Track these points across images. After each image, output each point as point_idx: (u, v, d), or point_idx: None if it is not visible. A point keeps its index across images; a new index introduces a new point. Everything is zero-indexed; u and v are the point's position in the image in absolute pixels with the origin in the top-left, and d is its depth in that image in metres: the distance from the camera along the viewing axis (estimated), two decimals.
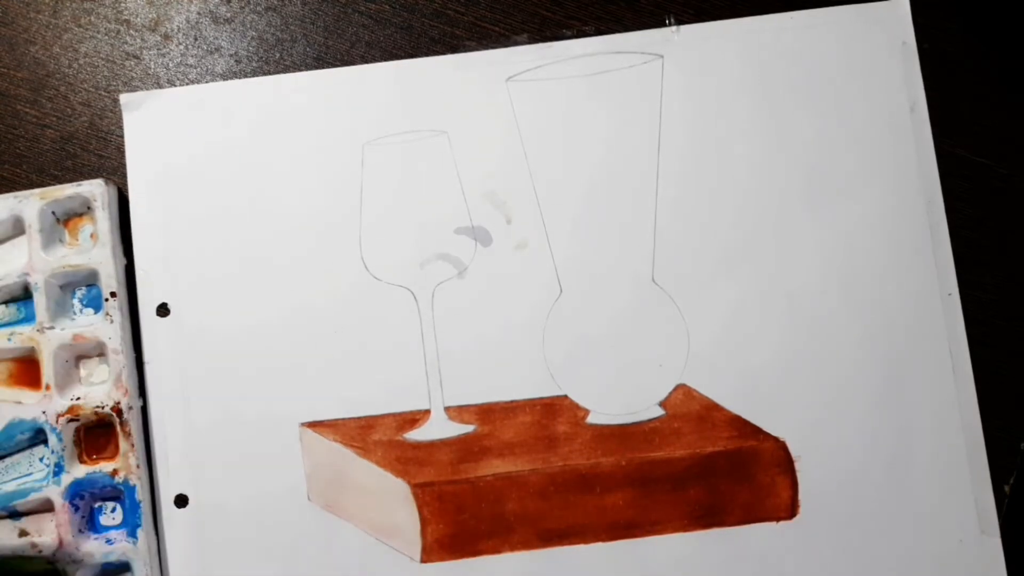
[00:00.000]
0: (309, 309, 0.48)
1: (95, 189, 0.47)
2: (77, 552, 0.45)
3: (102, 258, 0.47)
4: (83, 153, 0.50)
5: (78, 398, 0.46)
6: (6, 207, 0.47)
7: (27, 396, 0.47)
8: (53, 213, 0.48)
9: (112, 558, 0.46)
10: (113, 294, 0.47)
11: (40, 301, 0.47)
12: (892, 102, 0.49)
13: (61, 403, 0.46)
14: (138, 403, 0.47)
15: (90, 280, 0.48)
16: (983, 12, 0.51)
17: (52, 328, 0.47)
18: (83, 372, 0.48)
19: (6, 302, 0.48)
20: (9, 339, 0.47)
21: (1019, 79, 0.50)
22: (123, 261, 0.48)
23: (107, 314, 0.47)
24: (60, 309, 0.48)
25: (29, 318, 0.48)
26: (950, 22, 0.50)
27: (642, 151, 0.49)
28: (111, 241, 0.47)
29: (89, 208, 0.48)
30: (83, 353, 0.48)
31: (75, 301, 0.48)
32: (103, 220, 0.47)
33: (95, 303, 0.48)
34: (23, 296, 0.48)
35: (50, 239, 0.48)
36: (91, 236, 0.48)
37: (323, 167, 0.49)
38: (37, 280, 0.47)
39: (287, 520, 0.47)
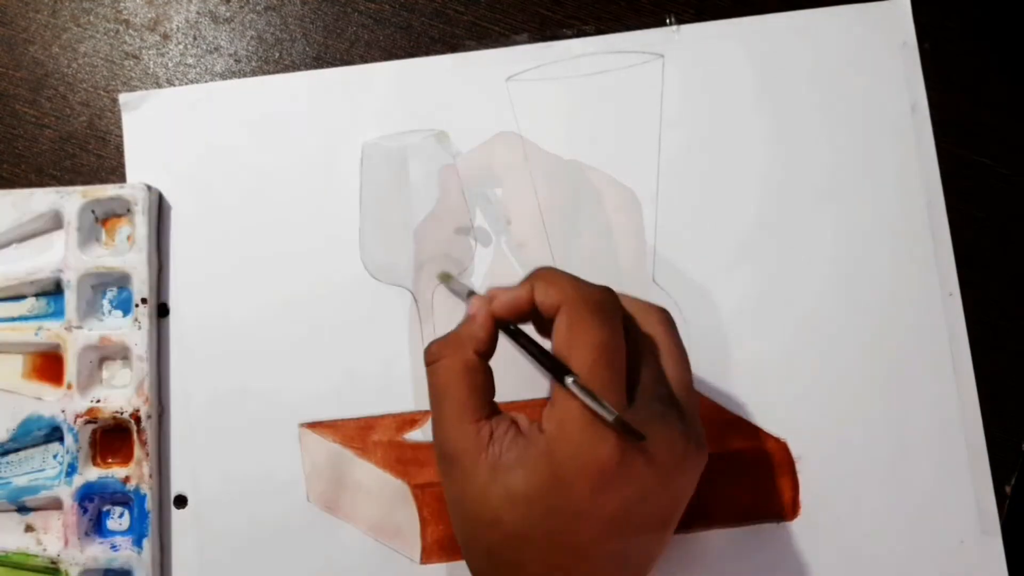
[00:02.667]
0: (308, 309, 0.48)
1: (137, 193, 0.47)
2: (81, 555, 0.45)
3: (136, 262, 0.47)
4: (82, 153, 0.50)
5: (98, 400, 0.46)
6: (47, 201, 0.47)
7: (48, 392, 0.47)
8: (93, 212, 0.48)
9: (116, 564, 0.45)
10: (144, 300, 0.47)
11: (71, 299, 0.47)
12: (893, 102, 0.49)
13: (81, 404, 0.46)
14: (157, 412, 0.47)
15: (122, 283, 0.48)
16: (983, 12, 0.51)
17: (80, 328, 0.47)
18: (105, 374, 0.48)
19: (37, 295, 0.48)
20: (36, 333, 0.47)
21: (1019, 79, 0.50)
22: (157, 267, 0.48)
23: (136, 319, 0.47)
24: (89, 309, 0.47)
25: (57, 314, 0.48)
26: (951, 22, 0.50)
27: (642, 151, 0.49)
28: (147, 246, 0.47)
29: (129, 211, 0.48)
30: (107, 355, 0.48)
31: (105, 302, 0.48)
32: (141, 224, 0.47)
33: (125, 306, 0.48)
34: (54, 291, 0.48)
35: (87, 238, 0.48)
36: (128, 239, 0.48)
37: (322, 167, 0.49)
38: (70, 278, 0.47)
39: (286, 521, 0.47)
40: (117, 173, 0.50)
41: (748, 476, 0.47)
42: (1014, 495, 0.47)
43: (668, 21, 0.50)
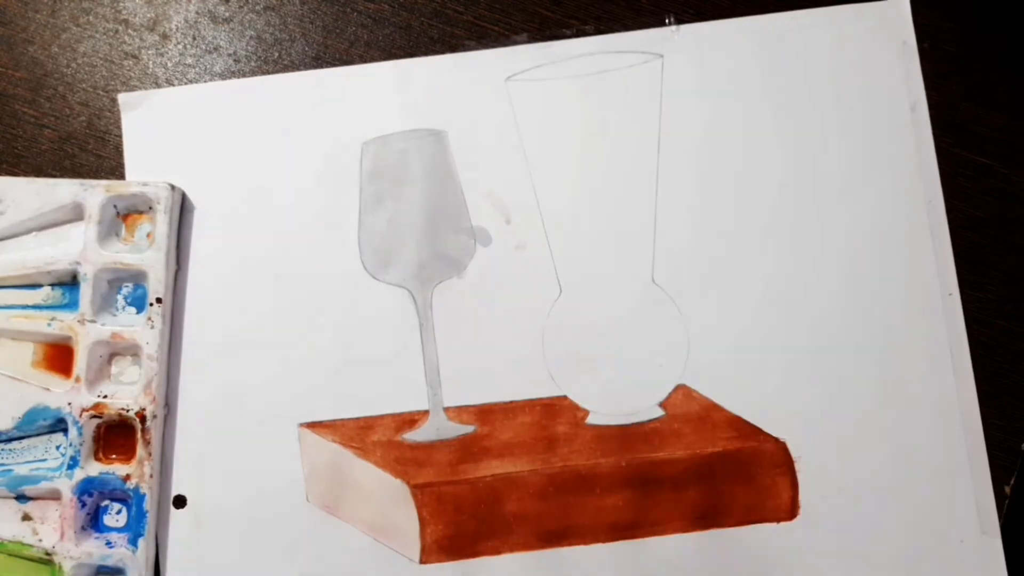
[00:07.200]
0: (308, 309, 0.48)
1: (160, 192, 0.47)
2: (76, 549, 0.45)
3: (154, 261, 0.47)
4: (81, 153, 0.50)
5: (105, 396, 0.46)
6: (71, 192, 0.47)
7: (56, 383, 0.47)
8: (115, 207, 0.48)
9: (109, 562, 0.45)
10: (159, 299, 0.47)
11: (86, 292, 0.47)
12: (892, 102, 0.49)
13: (88, 398, 0.46)
14: (163, 413, 0.47)
15: (138, 280, 0.48)
16: (983, 12, 0.51)
17: (93, 322, 0.47)
18: (115, 370, 0.48)
19: (53, 285, 0.48)
20: (49, 324, 0.47)
21: (1019, 79, 0.50)
22: (174, 267, 0.48)
23: (149, 318, 0.47)
24: (104, 303, 0.47)
25: (71, 305, 0.48)
26: (950, 22, 0.50)
27: (642, 151, 0.49)
28: (166, 246, 0.47)
29: (151, 208, 0.48)
30: (118, 351, 0.48)
31: (120, 298, 0.48)
32: (162, 223, 0.47)
33: (139, 303, 0.48)
34: (70, 282, 0.48)
35: (107, 232, 0.48)
36: (147, 236, 0.48)
37: (322, 167, 0.49)
38: (87, 271, 0.47)
39: (286, 521, 0.47)
40: (116, 173, 0.50)
41: (748, 476, 0.47)
42: (1013, 495, 0.47)
43: (668, 21, 0.50)
